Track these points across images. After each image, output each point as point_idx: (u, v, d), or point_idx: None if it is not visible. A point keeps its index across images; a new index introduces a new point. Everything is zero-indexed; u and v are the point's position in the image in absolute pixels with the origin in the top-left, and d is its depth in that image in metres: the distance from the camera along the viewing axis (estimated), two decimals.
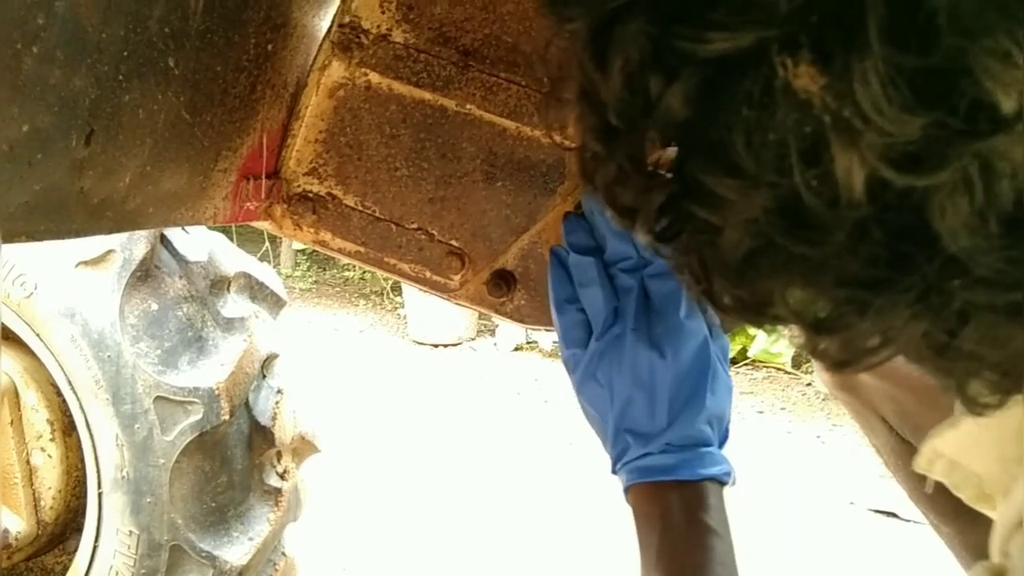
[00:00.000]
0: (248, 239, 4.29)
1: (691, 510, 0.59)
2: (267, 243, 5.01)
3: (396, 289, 4.89)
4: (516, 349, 4.12)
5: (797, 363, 3.68)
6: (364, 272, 5.19)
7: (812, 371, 3.62)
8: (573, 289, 0.61)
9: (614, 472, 0.63)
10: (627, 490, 0.62)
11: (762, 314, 0.34)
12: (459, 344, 4.23)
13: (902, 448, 1.16)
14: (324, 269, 5.69)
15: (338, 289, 5.37)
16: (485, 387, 3.65)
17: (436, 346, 4.20)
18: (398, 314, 4.71)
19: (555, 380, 3.66)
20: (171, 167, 0.56)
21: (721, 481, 0.60)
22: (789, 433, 3.15)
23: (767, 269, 0.31)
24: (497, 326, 4.23)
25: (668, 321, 0.60)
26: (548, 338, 3.96)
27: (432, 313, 4.16)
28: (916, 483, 1.13)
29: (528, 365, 3.91)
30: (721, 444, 0.62)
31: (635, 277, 0.60)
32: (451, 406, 3.36)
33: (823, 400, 3.46)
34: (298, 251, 5.65)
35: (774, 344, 3.51)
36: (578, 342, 0.61)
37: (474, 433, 3.02)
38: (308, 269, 5.67)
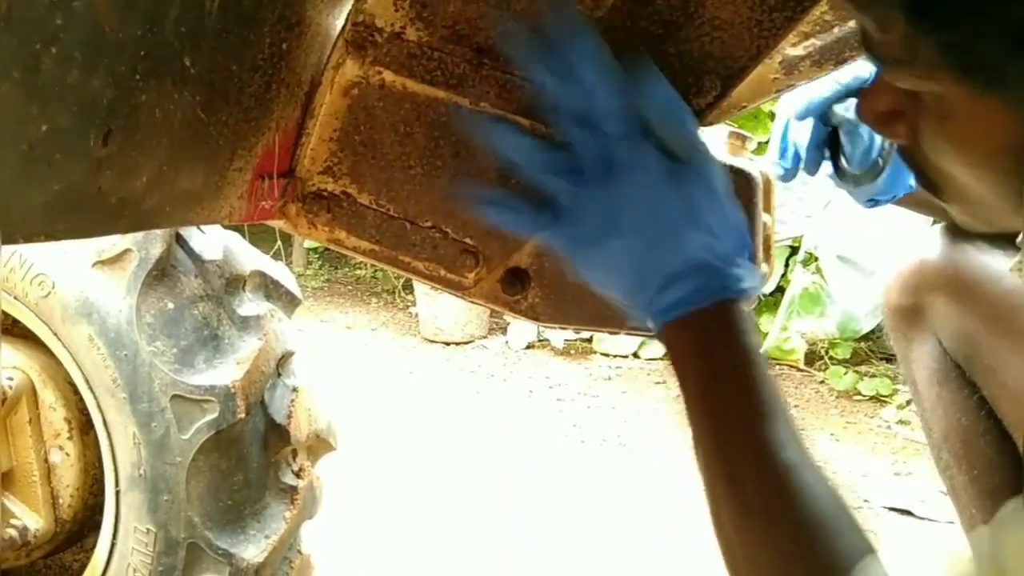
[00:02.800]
0: (260, 237, 4.31)
1: (712, 342, 0.57)
2: (279, 241, 5.03)
3: (407, 287, 4.90)
4: (528, 347, 4.11)
5: (810, 360, 3.66)
6: (376, 270, 5.20)
7: (825, 369, 3.60)
8: None
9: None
10: (661, 339, 0.60)
11: None
12: (471, 342, 4.23)
13: (950, 375, 1.16)
14: (336, 267, 5.70)
15: (350, 287, 5.39)
16: (497, 385, 3.65)
17: (448, 344, 4.21)
18: (409, 312, 4.71)
19: (567, 378, 3.65)
20: (187, 166, 0.56)
21: (739, 298, 0.58)
22: (802, 431, 3.13)
23: None
24: (508, 324, 4.23)
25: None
26: (560, 336, 3.96)
27: (443, 311, 4.16)
28: (956, 413, 1.13)
29: (540, 363, 3.90)
30: (737, 256, 0.58)
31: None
32: (463, 404, 3.36)
33: (836, 398, 3.44)
34: (310, 249, 5.66)
35: (786, 342, 3.49)
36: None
37: (486, 431, 3.02)
38: (320, 267, 5.69)
